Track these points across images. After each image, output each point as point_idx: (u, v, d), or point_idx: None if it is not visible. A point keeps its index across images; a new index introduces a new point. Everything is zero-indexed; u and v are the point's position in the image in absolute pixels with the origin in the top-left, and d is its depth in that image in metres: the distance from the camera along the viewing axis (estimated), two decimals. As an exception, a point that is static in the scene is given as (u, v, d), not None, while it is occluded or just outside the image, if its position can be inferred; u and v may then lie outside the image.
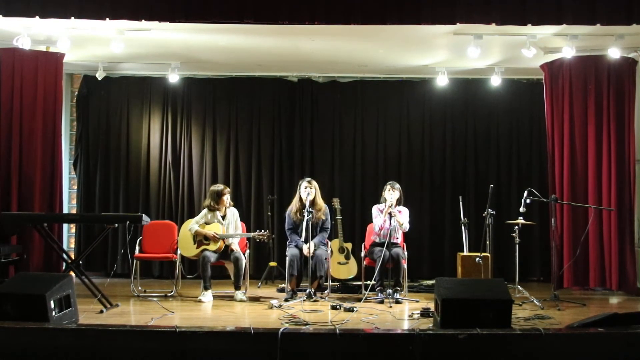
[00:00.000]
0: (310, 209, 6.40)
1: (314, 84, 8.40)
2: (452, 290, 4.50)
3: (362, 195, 8.21)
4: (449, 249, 8.03)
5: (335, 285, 7.00)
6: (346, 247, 7.05)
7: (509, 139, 8.32)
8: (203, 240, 6.55)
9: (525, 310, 5.77)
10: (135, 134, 8.34)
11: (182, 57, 7.58)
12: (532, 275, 8.06)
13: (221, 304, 6.21)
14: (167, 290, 6.75)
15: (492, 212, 6.71)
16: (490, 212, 6.70)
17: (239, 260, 6.42)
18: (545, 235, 7.42)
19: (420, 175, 8.32)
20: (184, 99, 8.38)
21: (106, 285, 6.67)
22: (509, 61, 7.53)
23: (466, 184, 8.25)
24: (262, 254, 8.05)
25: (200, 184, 8.29)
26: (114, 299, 5.94)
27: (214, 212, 6.64)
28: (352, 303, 5.98)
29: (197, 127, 8.37)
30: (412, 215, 7.06)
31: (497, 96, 8.21)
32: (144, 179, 8.27)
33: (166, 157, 8.32)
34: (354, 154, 8.35)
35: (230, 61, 7.80)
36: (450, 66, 7.82)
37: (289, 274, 6.38)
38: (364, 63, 7.83)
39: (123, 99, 8.35)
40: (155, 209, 8.22)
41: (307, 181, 6.70)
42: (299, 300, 6.16)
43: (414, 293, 6.91)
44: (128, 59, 7.59)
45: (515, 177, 8.24)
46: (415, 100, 8.39)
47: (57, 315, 4.45)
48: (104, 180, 8.28)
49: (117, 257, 7.93)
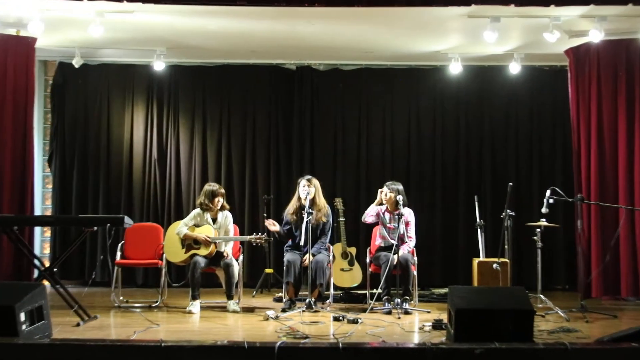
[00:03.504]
0: (310, 210, 6.37)
1: (314, 73, 8.38)
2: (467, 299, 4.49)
3: (367, 195, 8.16)
4: (464, 254, 8.01)
5: (337, 294, 6.98)
6: (350, 252, 7.04)
7: (529, 132, 8.29)
8: (192, 244, 6.52)
9: (549, 322, 5.74)
10: (117, 127, 8.31)
11: (169, 43, 7.55)
12: (556, 283, 8.04)
13: (212, 315, 6.19)
14: (152, 300, 6.73)
15: (511, 213, 6.69)
16: (509, 213, 6.67)
17: (230, 266, 6.39)
18: (571, 238, 7.40)
19: (432, 173, 8.30)
20: (170, 89, 8.36)
21: (84, 295, 6.62)
22: (530, 46, 7.50)
23: (482, 182, 8.23)
24: (257, 260, 8.03)
25: (189, 182, 8.28)
26: (92, 311, 5.90)
27: (205, 212, 6.61)
28: (356, 314, 5.96)
29: (186, 120, 8.35)
30: (422, 217, 7.06)
31: (516, 85, 8.19)
32: (127, 177, 8.26)
33: (151, 153, 8.30)
34: (358, 150, 8.33)
35: (222, 47, 7.78)
36: (464, 52, 7.79)
37: (287, 282, 6.36)
38: (369, 49, 7.81)
39: (103, 89, 8.32)
40: (139, 210, 8.20)
41: (307, 179, 6.67)
42: (297, 310, 6.13)
43: (424, 303, 6.89)
44: (108, 44, 7.55)
45: (536, 175, 8.21)
46: (426, 90, 8.36)
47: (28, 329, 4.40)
48: (82, 178, 8.25)
49: (96, 264, 7.91)
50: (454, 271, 8.06)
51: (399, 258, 6.25)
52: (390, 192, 6.65)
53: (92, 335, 5.08)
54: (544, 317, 5.92)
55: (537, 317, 5.14)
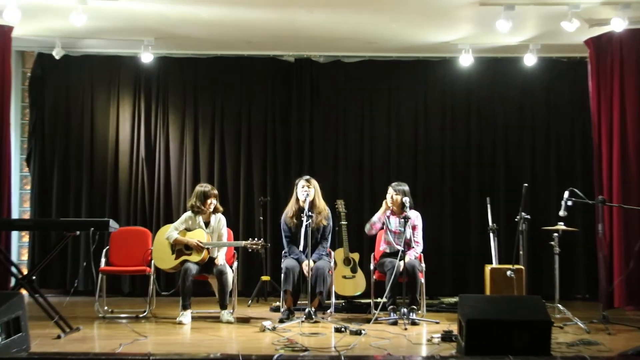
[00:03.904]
0: (310, 213, 6.35)
1: (314, 65, 8.37)
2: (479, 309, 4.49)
3: (371, 197, 8.17)
4: (475, 260, 7.98)
5: (339, 303, 6.98)
6: (352, 258, 7.03)
7: (546, 129, 8.28)
8: (183, 249, 6.51)
9: (568, 334, 5.74)
10: (102, 124, 8.30)
11: (157, 33, 7.54)
12: (575, 292, 8.03)
13: (204, 326, 6.18)
14: (139, 310, 6.70)
15: (527, 216, 6.68)
16: (524, 216, 6.66)
17: (224, 274, 6.38)
18: (591, 244, 7.39)
19: (441, 173, 8.29)
20: (159, 83, 8.36)
21: (65, 305, 6.63)
22: (546, 36, 7.48)
23: (495, 183, 8.22)
24: (253, 267, 8.01)
25: (179, 183, 8.28)
26: (74, 322, 5.88)
27: (197, 216, 6.60)
28: (359, 325, 5.95)
29: (176, 116, 8.34)
30: (430, 220, 7.04)
31: (531, 79, 8.18)
32: (112, 178, 8.25)
33: (138, 152, 8.29)
34: (361, 148, 8.33)
35: (215, 37, 7.77)
36: (475, 43, 7.78)
37: (285, 290, 6.35)
38: (373, 39, 7.81)
39: (86, 82, 8.30)
40: (125, 214, 8.19)
41: (305, 179, 6.66)
42: (296, 321, 6.12)
43: (433, 313, 6.88)
44: (92, 34, 7.54)
45: (554, 175, 8.20)
46: (434, 84, 8.36)
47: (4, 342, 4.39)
48: (63, 179, 8.24)
49: (79, 271, 7.89)
50: (464, 279, 8.05)
51: (406, 264, 6.24)
52: (396, 193, 6.64)
53: (74, 349, 5.05)
54: (562, 329, 5.91)
55: (554, 328, 5.14)
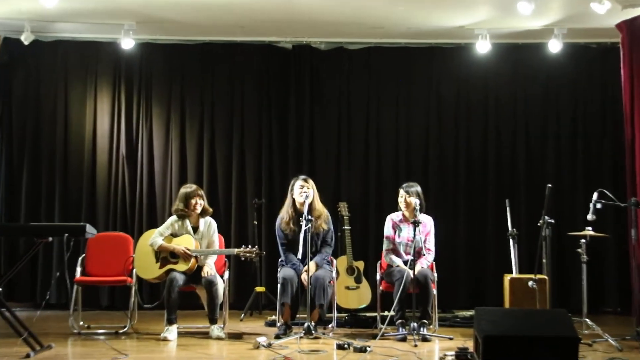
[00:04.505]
0: (309, 217, 6.33)
1: (314, 52, 8.39)
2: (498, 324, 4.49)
3: (378, 199, 8.20)
4: (493, 269, 8.01)
5: (342, 317, 6.98)
6: (356, 267, 7.03)
7: (572, 123, 8.29)
8: (169, 257, 6.50)
9: (597, 352, 5.71)
10: (77, 118, 8.31)
11: (139, 16, 7.54)
12: (605, 305, 8.05)
13: (191, 342, 6.16)
14: (119, 326, 6.69)
15: (550, 220, 6.65)
16: (547, 221, 6.64)
17: (213, 285, 6.36)
18: (624, 251, 7.40)
19: (454, 172, 8.31)
20: (141, 72, 8.37)
21: (35, 320, 6.61)
22: (574, 20, 7.48)
23: (515, 184, 8.24)
24: (246, 277, 8.03)
25: (164, 184, 8.30)
26: (45, 339, 5.83)
27: (184, 220, 6.59)
28: (364, 341, 5.94)
29: (160, 110, 8.35)
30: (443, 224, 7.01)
31: (556, 67, 8.18)
32: (89, 178, 8.26)
33: (118, 149, 8.30)
34: (367, 145, 8.34)
35: (203, 22, 7.77)
36: (494, 27, 7.78)
37: (281, 303, 6.33)
38: (380, 24, 7.81)
39: (59, 71, 8.31)
40: (103, 218, 8.21)
41: (302, 179, 6.64)
42: (294, 337, 6.10)
43: (446, 328, 6.88)
44: (65, 16, 7.55)
45: (580, 175, 8.21)
46: (448, 73, 8.38)
47: (-32, 360, 4.37)
48: (34, 179, 8.24)
49: (51, 282, 7.88)
50: (481, 290, 8.08)
51: (416, 274, 6.23)
52: (409, 196, 6.60)
53: (45, 368, 5.05)
54: (591, 346, 5.87)
55: (582, 345, 5.14)
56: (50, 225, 7.53)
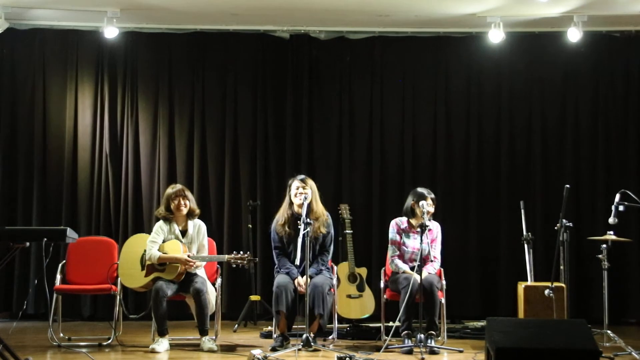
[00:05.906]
0: (307, 220, 6.33)
1: (314, 42, 8.40)
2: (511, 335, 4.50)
3: (382, 200, 8.21)
4: (506, 276, 8.02)
5: (343, 327, 6.98)
6: (359, 274, 7.04)
7: (593, 119, 8.29)
8: (156, 265, 6.49)
9: (619, 366, 5.75)
10: (56, 113, 8.32)
11: (123, 3, 7.56)
12: (628, 316, 8.05)
13: (181, 355, 6.18)
14: (103, 337, 6.71)
15: (568, 223, 6.65)
16: (565, 224, 6.64)
17: (202, 293, 6.34)
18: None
19: (465, 172, 8.32)
20: (126, 63, 8.38)
21: (12, 331, 6.61)
22: (595, 6, 7.49)
23: (530, 185, 8.25)
24: (240, 284, 8.05)
25: (151, 184, 8.31)
26: (22, 352, 5.81)
27: (171, 224, 6.59)
28: (367, 353, 5.98)
29: (147, 104, 8.37)
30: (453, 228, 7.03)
31: (576, 58, 8.18)
32: (69, 178, 8.26)
33: (101, 147, 8.31)
34: (370, 142, 8.35)
35: (194, 9, 7.79)
36: (508, 15, 7.78)
37: (277, 312, 6.33)
38: (384, 11, 7.82)
39: (36, 62, 8.30)
40: (85, 221, 8.22)
41: (300, 180, 6.64)
42: (292, 349, 6.10)
43: (455, 339, 6.87)
44: (43, 3, 7.57)
45: (601, 175, 8.21)
46: (458, 64, 8.39)
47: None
48: (10, 179, 8.25)
49: (29, 291, 7.88)
50: (493, 298, 8.08)
51: (423, 281, 6.23)
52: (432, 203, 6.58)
53: (23, 384, 5.06)
54: None
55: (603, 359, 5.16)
56: (28, 228, 7.49)
